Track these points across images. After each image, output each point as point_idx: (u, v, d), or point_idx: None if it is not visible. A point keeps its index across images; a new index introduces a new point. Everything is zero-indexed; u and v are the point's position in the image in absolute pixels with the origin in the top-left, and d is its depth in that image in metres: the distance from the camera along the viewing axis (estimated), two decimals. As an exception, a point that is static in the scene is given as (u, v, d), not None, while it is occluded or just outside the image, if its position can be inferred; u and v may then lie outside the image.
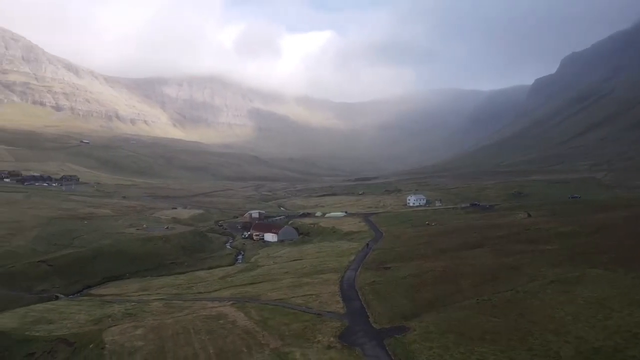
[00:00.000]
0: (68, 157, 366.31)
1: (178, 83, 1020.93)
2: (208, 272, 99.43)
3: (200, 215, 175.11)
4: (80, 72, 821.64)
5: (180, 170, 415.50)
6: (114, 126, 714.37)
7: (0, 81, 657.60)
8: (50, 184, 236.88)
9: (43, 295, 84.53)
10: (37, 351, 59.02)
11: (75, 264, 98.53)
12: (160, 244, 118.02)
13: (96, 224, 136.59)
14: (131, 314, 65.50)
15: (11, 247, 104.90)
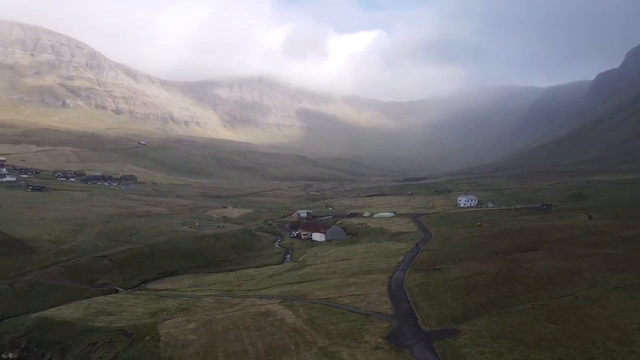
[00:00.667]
0: (127, 157, 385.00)
1: (228, 85, 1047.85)
2: (257, 270, 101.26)
3: (249, 215, 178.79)
4: (138, 77, 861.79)
5: (231, 170, 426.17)
6: (169, 128, 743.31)
7: (67, 87, 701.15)
8: (110, 183, 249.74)
9: (104, 288, 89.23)
10: (98, 341, 62.33)
11: (133, 259, 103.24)
12: (212, 242, 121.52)
13: (152, 221, 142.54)
14: (184, 308, 67.76)
15: (76, 243, 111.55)
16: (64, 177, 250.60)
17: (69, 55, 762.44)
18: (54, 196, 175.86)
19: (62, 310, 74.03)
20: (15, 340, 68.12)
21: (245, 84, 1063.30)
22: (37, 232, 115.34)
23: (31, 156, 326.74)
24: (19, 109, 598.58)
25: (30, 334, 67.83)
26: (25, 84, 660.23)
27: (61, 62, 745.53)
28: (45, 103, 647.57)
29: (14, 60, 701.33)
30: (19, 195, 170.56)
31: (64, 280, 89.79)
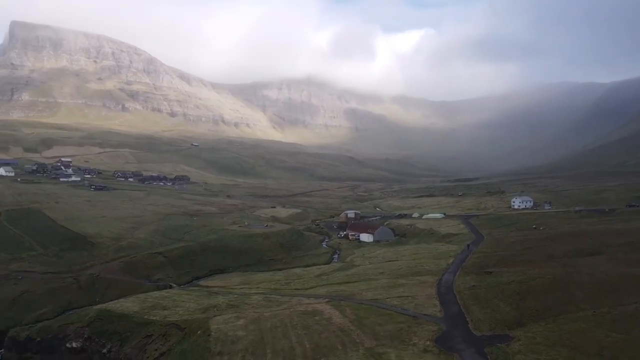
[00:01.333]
0: (180, 158, 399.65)
1: (277, 86, 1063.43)
2: (305, 269, 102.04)
3: (297, 214, 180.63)
4: (191, 81, 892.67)
5: (279, 170, 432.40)
6: (220, 129, 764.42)
7: (126, 91, 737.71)
8: (165, 183, 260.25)
9: (159, 283, 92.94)
10: (154, 334, 64.93)
11: (186, 256, 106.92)
12: (260, 241, 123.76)
13: (204, 220, 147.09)
14: (234, 305, 69.32)
15: (134, 239, 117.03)
16: (123, 177, 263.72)
17: (128, 61, 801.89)
18: (114, 195, 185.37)
19: (120, 303, 77.74)
20: (79, 330, 72.28)
21: (293, 85, 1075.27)
22: (99, 229, 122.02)
23: (94, 157, 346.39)
24: (83, 113, 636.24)
25: (92, 324, 71.72)
26: (89, 89, 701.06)
27: (121, 68, 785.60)
28: (106, 107, 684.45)
29: (79, 67, 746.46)
30: (83, 194, 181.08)
31: (123, 275, 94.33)
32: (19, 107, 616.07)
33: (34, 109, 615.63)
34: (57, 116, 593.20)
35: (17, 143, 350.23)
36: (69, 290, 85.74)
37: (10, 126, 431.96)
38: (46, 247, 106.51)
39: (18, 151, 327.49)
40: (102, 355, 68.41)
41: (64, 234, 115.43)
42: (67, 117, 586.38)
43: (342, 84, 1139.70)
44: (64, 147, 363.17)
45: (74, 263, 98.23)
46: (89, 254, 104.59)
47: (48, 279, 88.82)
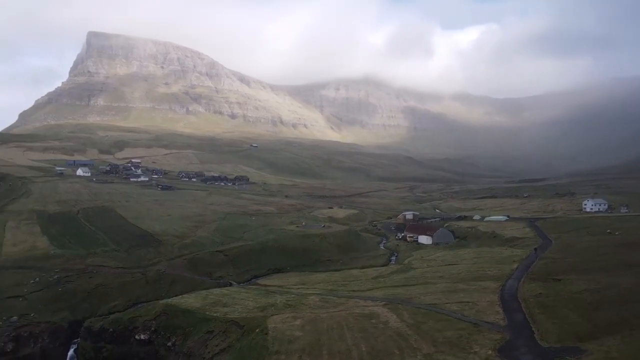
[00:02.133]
0: (240, 159, 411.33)
1: (335, 87, 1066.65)
2: (361, 271, 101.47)
3: (354, 215, 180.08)
4: (251, 83, 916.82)
5: (337, 171, 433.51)
6: (278, 130, 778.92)
7: (190, 94, 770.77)
8: (226, 183, 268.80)
9: (220, 281, 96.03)
10: (214, 330, 67.08)
11: (245, 255, 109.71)
12: (318, 241, 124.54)
13: (262, 220, 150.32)
14: (291, 305, 70.12)
15: (196, 238, 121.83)
16: (187, 178, 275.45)
17: (192, 65, 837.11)
18: (179, 195, 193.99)
19: (184, 299, 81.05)
20: (147, 323, 76.10)
21: (351, 84, 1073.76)
22: (165, 227, 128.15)
23: (160, 158, 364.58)
24: (151, 116, 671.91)
25: (158, 318, 75.24)
26: (156, 93, 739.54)
27: (186, 73, 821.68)
28: (172, 110, 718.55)
29: (148, 72, 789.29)
30: (151, 193, 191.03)
31: (186, 271, 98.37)
32: (95, 111, 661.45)
33: (108, 113, 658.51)
34: (128, 120, 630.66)
35: (93, 145, 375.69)
36: (138, 284, 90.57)
37: (87, 129, 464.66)
38: (118, 243, 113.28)
39: (94, 153, 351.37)
40: (167, 348, 71.63)
41: (134, 232, 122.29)
42: (137, 121, 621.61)
43: (400, 82, 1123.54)
44: (134, 149, 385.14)
45: (142, 259, 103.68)
46: (156, 250, 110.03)
47: (119, 273, 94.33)
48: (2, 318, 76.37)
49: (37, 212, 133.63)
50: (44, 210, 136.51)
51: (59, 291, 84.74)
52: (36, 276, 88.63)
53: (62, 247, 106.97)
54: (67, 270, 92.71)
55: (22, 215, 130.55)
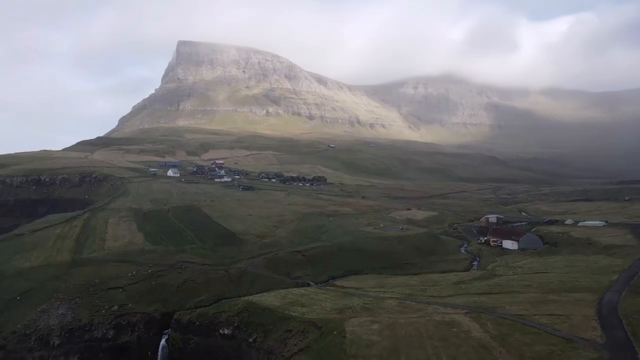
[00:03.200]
0: (318, 160, 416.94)
1: (413, 85, 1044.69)
2: (441, 275, 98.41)
3: (434, 217, 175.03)
4: (328, 84, 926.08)
5: (415, 171, 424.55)
6: (355, 131, 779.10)
7: (270, 97, 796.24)
8: (304, 183, 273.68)
9: (298, 280, 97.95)
10: (293, 329, 68.50)
11: (323, 256, 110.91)
12: (396, 244, 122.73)
13: (339, 221, 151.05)
14: (368, 308, 69.72)
15: (276, 237, 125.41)
16: (267, 178, 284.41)
17: (272, 69, 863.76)
18: (259, 195, 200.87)
19: (264, 297, 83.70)
20: (230, 319, 79.66)
21: (430, 82, 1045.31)
22: (246, 226, 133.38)
23: (242, 159, 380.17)
24: (233, 119, 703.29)
25: (240, 315, 78.44)
26: (238, 96, 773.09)
27: (265, 76, 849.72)
28: (253, 112, 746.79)
29: (231, 76, 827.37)
30: (233, 193, 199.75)
31: (266, 270, 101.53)
32: (183, 115, 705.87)
33: (195, 117, 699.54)
34: (213, 122, 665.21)
35: (182, 147, 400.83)
36: (222, 281, 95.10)
37: (176, 133, 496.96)
38: (204, 241, 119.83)
39: (182, 154, 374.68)
40: (248, 344, 74.42)
41: (218, 230, 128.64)
42: (221, 123, 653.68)
43: (482, 78, 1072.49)
44: (218, 151, 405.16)
45: (226, 257, 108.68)
46: (238, 249, 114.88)
47: (205, 270, 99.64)
48: (104, 307, 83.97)
49: (134, 210, 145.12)
50: (139, 209, 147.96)
51: (152, 285, 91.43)
52: (133, 270, 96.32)
53: (155, 244, 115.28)
54: (159, 265, 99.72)
55: (121, 212, 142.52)
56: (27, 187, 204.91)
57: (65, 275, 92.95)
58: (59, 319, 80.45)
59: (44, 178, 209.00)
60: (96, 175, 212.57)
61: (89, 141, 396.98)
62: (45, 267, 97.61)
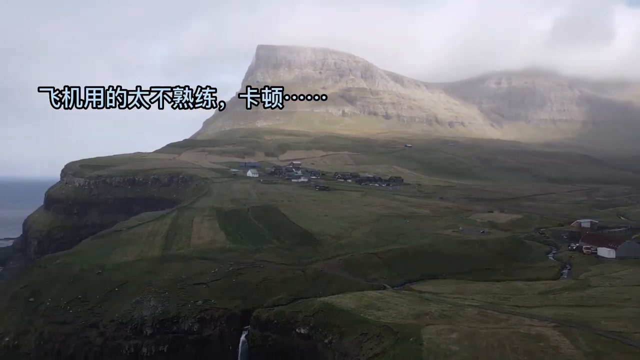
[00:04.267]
0: (394, 160, 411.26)
1: (496, 80, 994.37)
2: (526, 283, 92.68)
3: (518, 221, 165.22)
4: (405, 82, 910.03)
5: (497, 171, 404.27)
6: (433, 130, 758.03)
7: (346, 97, 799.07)
8: (380, 184, 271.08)
9: (374, 283, 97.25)
10: (368, 332, 68.09)
11: (399, 259, 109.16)
12: (476, 248, 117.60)
13: (416, 223, 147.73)
14: (447, 315, 67.46)
15: (351, 239, 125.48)
16: (343, 178, 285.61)
17: (348, 69, 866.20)
18: (335, 195, 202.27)
19: (340, 298, 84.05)
20: (306, 319, 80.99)
21: (514, 77, 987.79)
22: (322, 227, 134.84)
23: (318, 160, 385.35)
24: (310, 120, 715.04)
25: (316, 315, 79.44)
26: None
27: (341, 76, 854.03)
28: (329, 113, 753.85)
29: (307, 78, 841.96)
30: (310, 193, 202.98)
31: (341, 271, 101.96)
32: (262, 117, 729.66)
33: (272, 118, 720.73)
34: (290, 123, 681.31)
35: (260, 148, 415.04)
36: (298, 281, 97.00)
37: (255, 134, 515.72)
38: (281, 241, 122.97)
39: (261, 155, 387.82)
40: (324, 345, 75.17)
41: (295, 230, 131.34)
42: (298, 124, 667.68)
43: (573, 70, 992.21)
44: (295, 151, 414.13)
45: (302, 257, 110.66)
46: (314, 249, 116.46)
47: (282, 269, 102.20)
48: (190, 301, 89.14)
49: (216, 210, 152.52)
50: (221, 208, 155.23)
51: (233, 282, 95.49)
52: (215, 267, 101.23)
53: (236, 242, 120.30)
54: (239, 263, 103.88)
55: (205, 211, 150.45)
56: (124, 187, 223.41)
57: (156, 270, 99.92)
58: (151, 310, 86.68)
59: (138, 178, 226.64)
60: (183, 175, 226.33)
61: (176, 143, 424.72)
62: (138, 261, 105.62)
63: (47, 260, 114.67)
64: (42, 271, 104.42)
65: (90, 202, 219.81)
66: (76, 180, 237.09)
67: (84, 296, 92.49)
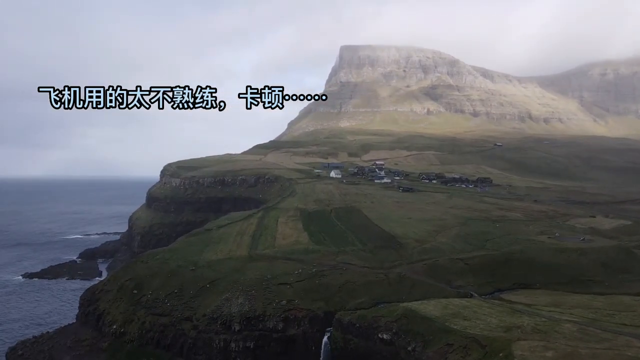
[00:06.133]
0: (482, 159, 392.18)
1: (600, 71, 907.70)
2: (635, 299, 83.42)
3: (626, 227, 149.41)
4: (495, 77, 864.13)
5: (601, 171, 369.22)
6: (526, 127, 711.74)
7: (430, 95, 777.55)
8: (467, 185, 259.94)
9: (460, 290, 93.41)
10: (454, 343, 65.65)
11: (487, 265, 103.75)
12: (575, 257, 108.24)
13: (507, 227, 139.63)
14: (541, 331, 63.04)
15: (436, 243, 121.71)
16: (427, 179, 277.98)
17: (433, 66, 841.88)
18: (419, 197, 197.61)
19: (424, 305, 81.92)
20: (389, 324, 80.00)
21: (622, 66, 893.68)
22: (405, 230, 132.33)
23: (402, 160, 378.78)
24: (394, 119, 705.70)
25: (399, 321, 78.19)
26: (398, 96, 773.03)
27: (426, 74, 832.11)
28: (413, 112, 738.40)
29: (391, 77, 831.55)
30: (393, 195, 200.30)
31: (425, 277, 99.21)
32: (345, 117, 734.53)
33: (356, 118, 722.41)
34: (373, 123, 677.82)
35: (343, 149, 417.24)
36: (381, 285, 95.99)
37: (338, 134, 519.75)
38: (364, 243, 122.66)
39: (344, 156, 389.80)
40: (407, 352, 73.72)
41: (377, 233, 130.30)
42: (381, 124, 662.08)
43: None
44: (378, 152, 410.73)
45: (385, 260, 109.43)
46: (397, 253, 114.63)
47: (365, 272, 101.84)
48: (275, 300, 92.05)
49: (300, 210, 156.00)
50: (305, 209, 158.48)
51: (316, 283, 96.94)
52: (299, 268, 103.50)
53: (319, 243, 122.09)
54: (322, 265, 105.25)
55: (289, 212, 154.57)
56: (214, 187, 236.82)
57: (243, 268, 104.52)
58: (239, 307, 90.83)
59: (227, 179, 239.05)
60: (268, 176, 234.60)
61: (262, 145, 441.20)
62: (227, 260, 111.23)
63: (148, 256, 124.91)
64: (144, 266, 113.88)
65: (185, 201, 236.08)
66: (173, 181, 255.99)
67: (179, 291, 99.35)
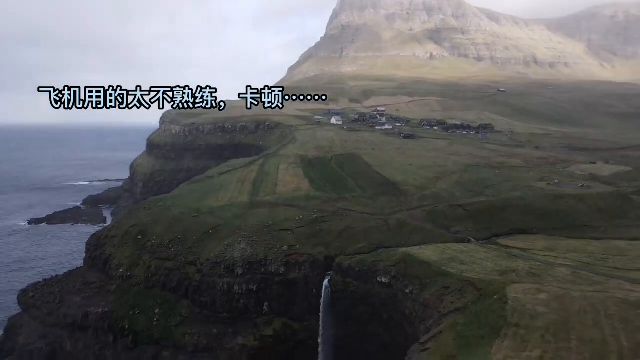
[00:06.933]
0: (485, 106, 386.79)
1: (610, 14, 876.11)
2: (630, 244, 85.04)
3: (625, 174, 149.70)
4: (501, 20, 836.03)
5: (604, 117, 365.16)
6: (531, 72, 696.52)
7: (434, 40, 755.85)
8: (468, 131, 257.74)
9: (458, 236, 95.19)
10: (450, 286, 67.73)
11: (486, 211, 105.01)
12: (573, 203, 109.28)
13: (506, 174, 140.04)
14: (535, 274, 64.87)
15: (436, 190, 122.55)
16: (429, 126, 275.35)
17: (437, 8, 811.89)
18: (420, 143, 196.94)
19: (422, 250, 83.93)
20: (387, 268, 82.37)
21: (633, 7, 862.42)
22: (406, 176, 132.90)
23: (403, 106, 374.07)
24: (396, 64, 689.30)
25: (398, 265, 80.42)
26: (401, 40, 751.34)
27: (430, 17, 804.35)
28: (416, 57, 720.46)
29: (394, 20, 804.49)
30: (393, 141, 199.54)
31: (424, 222, 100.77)
32: (346, 62, 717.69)
33: (357, 63, 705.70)
34: (375, 68, 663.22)
35: (344, 95, 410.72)
36: (380, 230, 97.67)
37: (339, 80, 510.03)
38: (364, 190, 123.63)
39: (345, 102, 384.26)
40: (404, 295, 76.34)
41: (378, 180, 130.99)
42: (383, 69, 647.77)
43: None
44: (379, 97, 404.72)
45: (385, 207, 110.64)
46: (397, 199, 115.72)
47: (365, 218, 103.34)
48: (276, 246, 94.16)
49: (301, 157, 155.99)
50: (305, 156, 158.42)
51: (316, 229, 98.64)
52: (300, 214, 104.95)
53: (319, 190, 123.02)
54: (323, 211, 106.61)
55: (290, 159, 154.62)
56: (215, 134, 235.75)
57: (245, 215, 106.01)
58: (241, 252, 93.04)
59: (227, 125, 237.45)
60: (268, 123, 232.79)
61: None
62: (229, 206, 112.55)
63: (151, 202, 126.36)
64: (147, 212, 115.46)
65: (186, 147, 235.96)
66: (173, 128, 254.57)
67: (183, 236, 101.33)
